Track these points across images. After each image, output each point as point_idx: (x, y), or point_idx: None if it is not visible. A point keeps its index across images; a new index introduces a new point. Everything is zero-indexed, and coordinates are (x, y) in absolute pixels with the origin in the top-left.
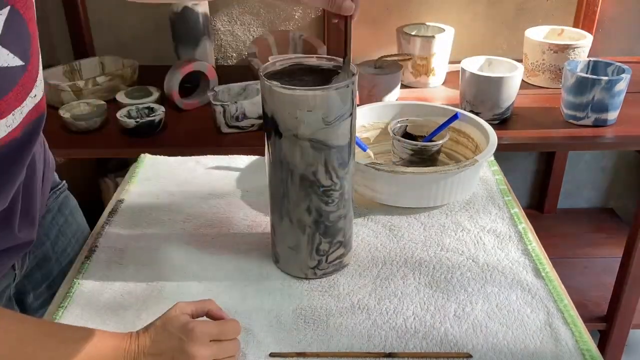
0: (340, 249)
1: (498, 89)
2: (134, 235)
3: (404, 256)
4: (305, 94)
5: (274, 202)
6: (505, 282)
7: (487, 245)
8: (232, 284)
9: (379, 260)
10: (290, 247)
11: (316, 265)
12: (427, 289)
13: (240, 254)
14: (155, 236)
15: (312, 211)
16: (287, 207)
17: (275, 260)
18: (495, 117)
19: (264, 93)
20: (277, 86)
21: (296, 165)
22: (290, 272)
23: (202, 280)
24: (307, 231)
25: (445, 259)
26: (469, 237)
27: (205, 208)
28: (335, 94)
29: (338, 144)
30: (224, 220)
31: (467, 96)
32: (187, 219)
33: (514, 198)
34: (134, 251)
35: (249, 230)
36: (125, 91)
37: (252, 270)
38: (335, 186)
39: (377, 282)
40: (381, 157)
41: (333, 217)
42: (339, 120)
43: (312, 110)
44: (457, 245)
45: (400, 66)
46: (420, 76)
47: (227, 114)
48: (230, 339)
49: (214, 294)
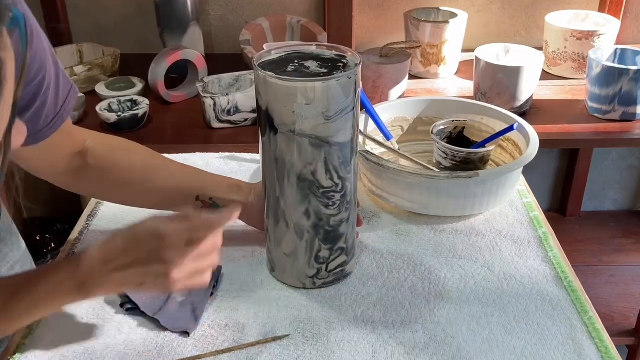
0: (342, 256)
1: (516, 79)
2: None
3: (413, 263)
4: (304, 85)
5: (269, 205)
6: (524, 293)
7: (503, 251)
8: (222, 294)
9: (384, 268)
10: (286, 253)
11: (315, 274)
12: (437, 300)
13: (233, 261)
14: None
15: (311, 214)
16: (284, 210)
17: (270, 268)
18: (512, 111)
19: (258, 84)
20: (272, 77)
21: (293, 164)
22: (287, 282)
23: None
24: (305, 236)
25: (457, 266)
26: (483, 243)
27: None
28: (336, 86)
29: (339, 141)
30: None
31: (482, 88)
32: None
33: (533, 200)
34: None
35: (243, 235)
36: (105, 82)
37: (245, 278)
38: (336, 187)
39: (383, 292)
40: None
41: (334, 221)
42: (340, 114)
43: (311, 103)
44: (470, 252)
45: (409, 55)
46: (430, 66)
47: (218, 107)
48: (208, 246)
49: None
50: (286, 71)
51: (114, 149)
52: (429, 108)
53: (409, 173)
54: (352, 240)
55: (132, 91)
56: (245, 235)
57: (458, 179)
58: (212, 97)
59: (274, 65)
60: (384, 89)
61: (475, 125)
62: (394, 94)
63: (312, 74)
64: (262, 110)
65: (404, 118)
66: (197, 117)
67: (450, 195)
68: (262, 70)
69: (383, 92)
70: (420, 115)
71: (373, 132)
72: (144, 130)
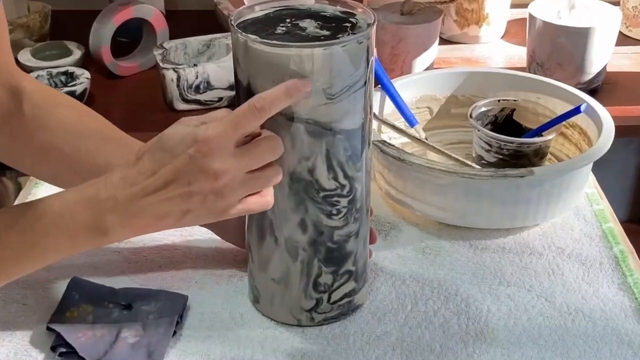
0: (349, 283)
1: (583, 45)
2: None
3: (445, 293)
4: (299, 52)
5: (251, 214)
6: (595, 332)
7: (567, 276)
8: (189, 333)
9: (407, 298)
10: (275, 279)
11: (314, 306)
12: (478, 342)
13: (203, 289)
14: (77, 264)
15: (308, 226)
16: (271, 221)
17: (253, 298)
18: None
19: (237, 52)
20: (256, 41)
21: (285, 159)
22: (276, 317)
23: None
24: (300, 256)
25: (505, 297)
26: (540, 265)
27: None
28: (342, 53)
29: (346, 128)
30: (179, 239)
31: (538, 56)
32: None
33: (607, 207)
34: (44, 287)
35: (216, 253)
36: (31, 48)
37: (219, 312)
38: (342, 190)
39: (405, 332)
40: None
41: (339, 236)
42: (347, 92)
43: (308, 77)
44: (522, 277)
45: (440, 12)
46: (468, 26)
47: (183, 82)
48: (265, 148)
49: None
50: (275, 33)
51: (57, 106)
52: (466, 83)
53: (439, 171)
54: (363, 261)
55: (67, 61)
56: (219, 255)
57: (506, 179)
58: (175, 68)
59: (258, 25)
60: (406, 58)
61: (529, 106)
62: (420, 65)
63: (310, 37)
64: (243, 86)
65: (433, 97)
66: (155, 96)
67: (495, 200)
68: (242, 32)
69: (405, 62)
70: (455, 93)
71: (391, 115)
72: None
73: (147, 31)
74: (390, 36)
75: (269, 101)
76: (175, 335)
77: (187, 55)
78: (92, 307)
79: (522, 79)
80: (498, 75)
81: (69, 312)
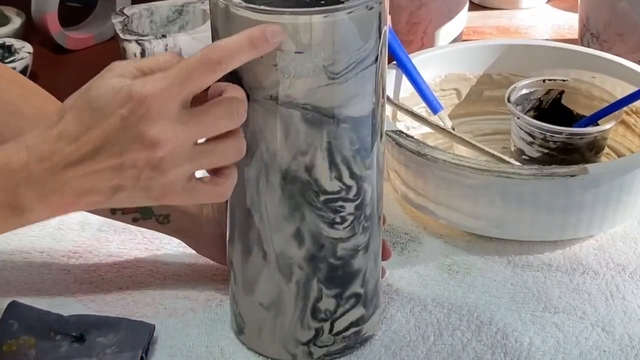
0: (357, 309)
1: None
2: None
3: (477, 321)
4: (293, 20)
5: (233, 222)
6: None
7: (629, 301)
8: None
9: (429, 328)
10: (263, 304)
11: (312, 338)
12: None
13: (173, 316)
14: (15, 284)
15: (305, 238)
16: (259, 231)
17: (237, 328)
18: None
19: (216, 20)
20: (240, 6)
21: (275, 154)
22: (265, 352)
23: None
24: (295, 275)
25: (551, 326)
26: (595, 286)
27: (107, 232)
28: (347, 21)
29: (353, 115)
30: (144, 253)
31: (593, 25)
32: (74, 254)
33: None
34: None
35: (190, 272)
36: None
37: (194, 345)
38: (347, 192)
39: None
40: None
41: (344, 250)
42: (354, 70)
43: (306, 51)
44: (573, 302)
45: None
46: None
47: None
48: (221, 108)
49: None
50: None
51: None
52: (503, 59)
53: (469, 168)
54: (374, 281)
55: (3, 31)
56: (194, 273)
57: (553, 179)
58: (139, 40)
59: None
60: (428, 27)
61: (582, 88)
62: (445, 36)
63: (307, 1)
64: None
65: (461, 76)
66: None
67: (539, 205)
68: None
69: (426, 33)
70: (488, 71)
71: (409, 99)
72: None
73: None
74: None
75: (227, 52)
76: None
77: (153, 24)
78: (35, 340)
79: (572, 54)
80: (543, 49)
81: (6, 345)
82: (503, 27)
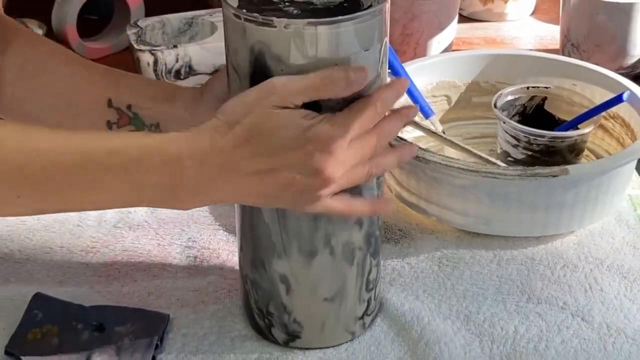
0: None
1: (626, 23)
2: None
3: (465, 311)
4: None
5: (286, 237)
6: (639, 356)
7: (606, 292)
8: (172, 359)
9: (421, 315)
10: (328, 298)
11: (365, 310)
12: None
13: (186, 307)
14: (38, 277)
15: (363, 220)
16: (326, 231)
17: (288, 339)
18: (621, 72)
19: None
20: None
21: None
22: (327, 343)
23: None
24: (356, 257)
25: (535, 316)
26: (575, 279)
27: (122, 229)
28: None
29: None
30: (156, 248)
31: (573, 36)
32: (92, 248)
33: None
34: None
35: (199, 264)
36: None
37: (206, 334)
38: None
39: (418, 354)
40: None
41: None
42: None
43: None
44: (555, 293)
45: None
46: (492, 2)
47: (161, 66)
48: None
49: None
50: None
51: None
52: (490, 68)
53: (459, 169)
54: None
55: None
56: (203, 267)
57: (536, 179)
58: (152, 50)
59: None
60: (420, 38)
61: (564, 94)
62: (436, 47)
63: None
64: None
65: (451, 84)
66: None
67: (523, 204)
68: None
69: (419, 44)
70: (477, 79)
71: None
72: None
73: (119, 7)
74: (401, 13)
75: (388, 103)
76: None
77: (165, 35)
78: (58, 328)
79: (554, 63)
80: (527, 58)
81: (31, 334)
82: (490, 38)
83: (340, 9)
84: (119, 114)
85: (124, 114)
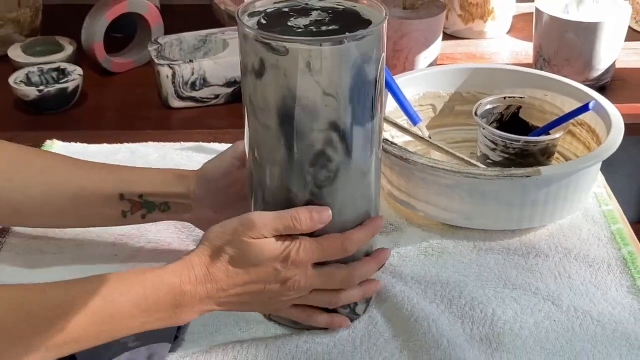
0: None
1: (592, 41)
2: (26, 273)
3: (448, 296)
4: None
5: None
6: (604, 336)
7: (574, 279)
8: (193, 338)
9: (408, 301)
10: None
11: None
12: (483, 346)
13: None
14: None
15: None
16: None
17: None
18: (587, 84)
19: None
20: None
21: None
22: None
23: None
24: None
25: (510, 300)
26: (547, 267)
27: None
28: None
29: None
30: (176, 240)
31: (545, 52)
32: (120, 241)
33: (616, 208)
34: None
35: None
36: (22, 44)
37: (224, 316)
38: None
39: (410, 329)
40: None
41: None
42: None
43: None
44: (528, 280)
45: (443, 6)
46: (473, 22)
47: (179, 79)
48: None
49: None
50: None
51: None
52: (471, 80)
53: (443, 170)
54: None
55: (59, 57)
56: None
57: (512, 179)
58: (171, 64)
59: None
60: (409, 54)
61: (536, 104)
62: (423, 61)
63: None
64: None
65: (436, 94)
66: (150, 93)
67: (500, 201)
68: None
69: (408, 59)
70: (459, 90)
71: (394, 113)
72: (76, 111)
73: (141, 26)
74: (392, 31)
75: (357, 245)
76: (177, 340)
77: (182, 51)
78: None
79: (528, 76)
80: (504, 71)
81: None
82: (471, 53)
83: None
84: (132, 203)
85: (137, 202)
